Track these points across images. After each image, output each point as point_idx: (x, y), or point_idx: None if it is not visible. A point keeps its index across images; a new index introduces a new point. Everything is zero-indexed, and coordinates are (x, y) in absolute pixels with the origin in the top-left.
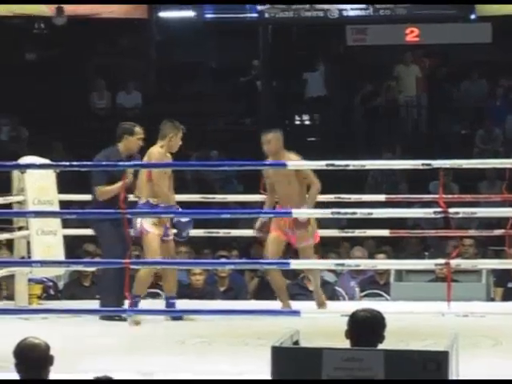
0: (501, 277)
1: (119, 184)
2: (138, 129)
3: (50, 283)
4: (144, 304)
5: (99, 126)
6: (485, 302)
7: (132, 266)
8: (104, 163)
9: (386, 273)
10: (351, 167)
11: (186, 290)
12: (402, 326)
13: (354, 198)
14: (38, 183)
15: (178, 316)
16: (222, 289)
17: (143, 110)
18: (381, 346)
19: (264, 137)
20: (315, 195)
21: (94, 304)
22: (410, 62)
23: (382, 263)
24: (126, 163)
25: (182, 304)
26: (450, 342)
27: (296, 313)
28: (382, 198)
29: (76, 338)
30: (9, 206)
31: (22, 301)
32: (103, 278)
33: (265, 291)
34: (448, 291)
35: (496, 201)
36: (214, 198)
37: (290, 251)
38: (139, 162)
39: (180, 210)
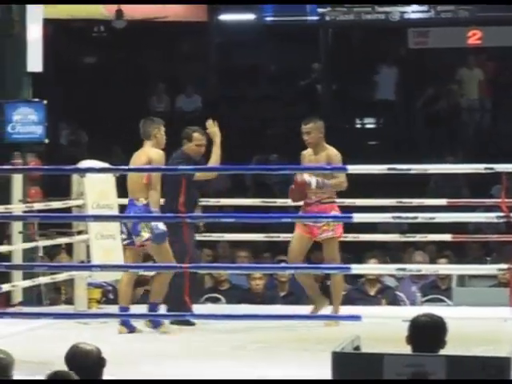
0: None
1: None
2: (196, 135)
3: (110, 287)
4: (203, 309)
5: None
6: None
7: (191, 270)
8: (162, 167)
9: (448, 278)
10: (413, 171)
11: (246, 295)
12: (463, 331)
13: (415, 202)
14: (97, 187)
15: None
16: (282, 294)
17: (203, 114)
18: (442, 352)
19: (303, 126)
20: (338, 186)
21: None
22: (473, 66)
23: (443, 268)
24: (184, 167)
25: (241, 309)
26: None
27: (356, 318)
28: (443, 202)
29: (136, 342)
30: (68, 210)
31: (82, 305)
32: (172, 282)
33: (326, 296)
34: (511, 296)
35: None
36: (274, 203)
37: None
38: (194, 167)
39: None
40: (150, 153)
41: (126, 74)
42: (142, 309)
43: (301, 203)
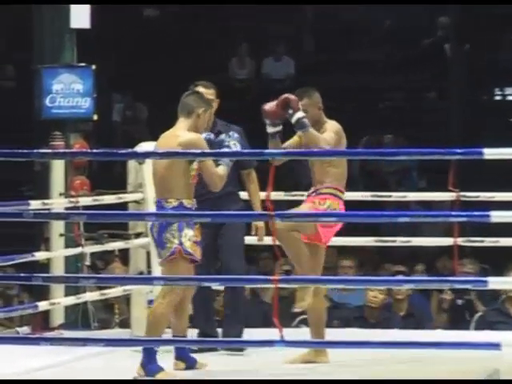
0: None
1: None
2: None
3: None
4: (295, 334)
5: (238, 102)
6: None
7: (281, 285)
8: (244, 151)
9: None
10: None
11: (353, 316)
12: None
13: None
14: None
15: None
16: (400, 314)
17: (296, 83)
18: None
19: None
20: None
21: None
22: None
23: None
24: (274, 151)
25: (346, 334)
26: None
27: (495, 346)
28: None
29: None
30: (123, 206)
31: (140, 328)
32: (232, 298)
33: (456, 316)
34: None
35: None
36: (388, 197)
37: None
38: (286, 151)
39: None
40: (185, 137)
41: (198, 30)
42: None
43: None
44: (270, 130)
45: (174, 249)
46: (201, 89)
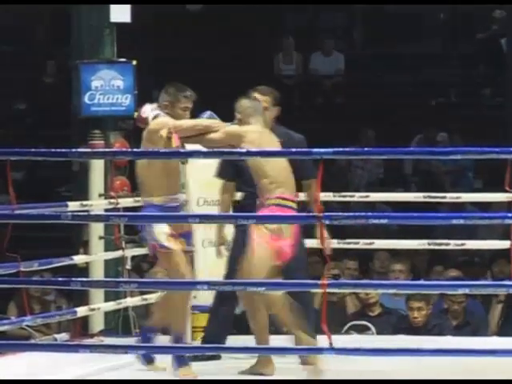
0: None
1: None
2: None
3: None
4: (345, 340)
5: (284, 99)
6: None
7: (330, 290)
8: (298, 150)
9: None
10: None
11: (405, 323)
12: None
13: None
14: (204, 177)
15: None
16: (454, 322)
17: (346, 79)
18: None
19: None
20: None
21: (284, 339)
22: None
23: None
24: (323, 150)
25: (398, 341)
26: None
27: None
28: None
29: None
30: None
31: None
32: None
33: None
34: None
35: None
36: (443, 198)
37: None
38: (339, 149)
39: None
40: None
41: (242, 24)
42: None
43: None
44: None
45: (151, 246)
46: (257, 95)
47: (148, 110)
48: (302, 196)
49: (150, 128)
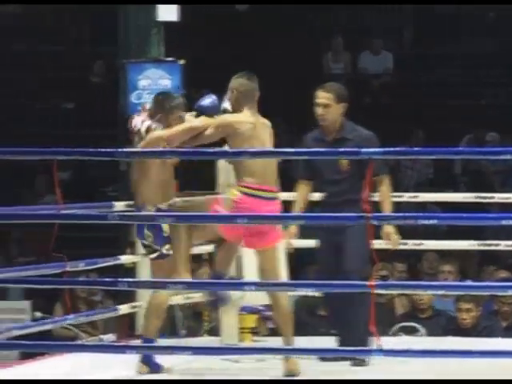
0: None
1: None
2: None
3: (269, 313)
4: (394, 342)
5: None
6: None
7: (378, 291)
8: (349, 150)
9: None
10: None
11: (454, 324)
12: None
13: None
14: None
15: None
16: (504, 324)
17: (395, 78)
18: None
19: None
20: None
21: (330, 340)
22: None
23: None
24: (372, 150)
25: (448, 342)
26: None
27: None
28: None
29: None
30: None
31: (231, 337)
32: (347, 303)
33: None
34: None
35: None
36: (492, 198)
37: None
38: (385, 149)
39: None
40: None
41: (290, 22)
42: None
43: None
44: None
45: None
46: (320, 92)
47: (138, 123)
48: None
49: (145, 146)
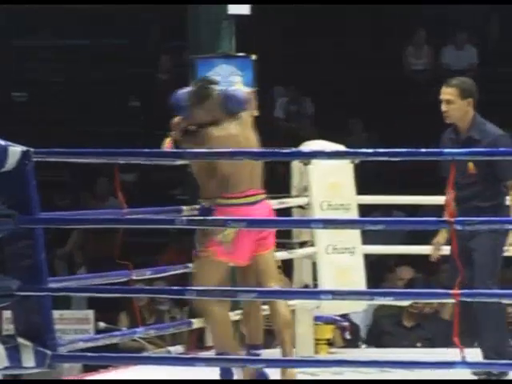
0: None
1: None
2: None
3: (346, 323)
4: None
5: (416, 95)
6: None
7: (463, 299)
8: (430, 151)
9: None
10: None
11: None
12: None
13: None
14: (328, 179)
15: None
16: None
17: (479, 74)
18: None
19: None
20: None
21: (415, 353)
22: None
23: None
24: (454, 151)
25: None
26: None
27: None
28: None
29: None
30: (287, 211)
31: (306, 348)
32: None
33: None
34: None
35: None
36: None
37: None
38: (466, 150)
39: None
40: None
41: (368, 16)
42: None
43: None
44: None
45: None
46: (443, 87)
47: None
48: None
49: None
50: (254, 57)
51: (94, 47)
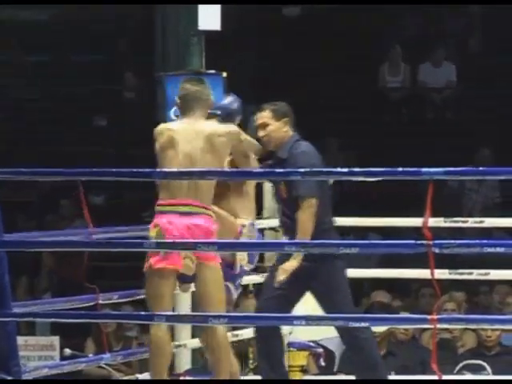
0: None
1: None
2: None
3: (320, 349)
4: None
5: (391, 114)
6: None
7: (440, 326)
8: (408, 170)
9: None
10: None
11: None
12: None
13: None
14: None
15: None
16: None
17: (458, 92)
18: None
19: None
20: None
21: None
22: None
23: None
24: (432, 170)
25: None
26: None
27: None
28: None
29: None
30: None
31: None
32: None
33: None
34: None
35: None
36: None
37: None
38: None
39: None
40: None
41: (343, 31)
42: None
43: None
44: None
45: None
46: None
47: None
48: None
49: None
50: (224, 74)
51: (53, 64)
